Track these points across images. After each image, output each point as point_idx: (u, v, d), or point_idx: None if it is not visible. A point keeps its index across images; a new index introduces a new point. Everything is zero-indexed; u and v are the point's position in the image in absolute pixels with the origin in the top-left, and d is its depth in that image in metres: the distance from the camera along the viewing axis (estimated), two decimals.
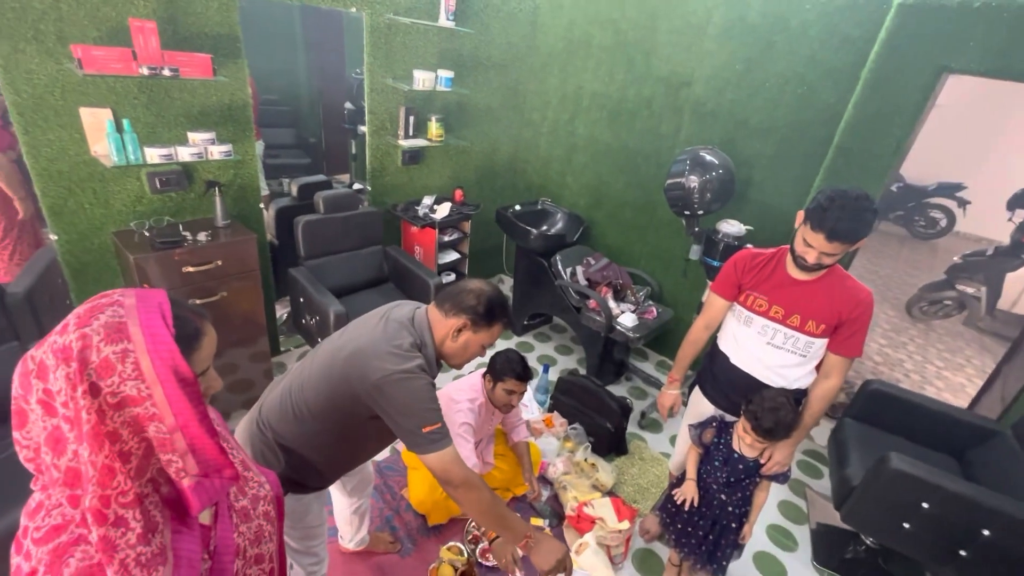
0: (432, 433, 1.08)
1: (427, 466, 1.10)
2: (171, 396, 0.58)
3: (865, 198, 1.36)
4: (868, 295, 1.50)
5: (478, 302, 1.19)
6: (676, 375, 1.87)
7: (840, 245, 1.37)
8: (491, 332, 1.23)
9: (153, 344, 0.58)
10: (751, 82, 2.56)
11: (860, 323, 1.49)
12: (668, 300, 3.15)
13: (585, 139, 3.34)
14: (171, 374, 0.58)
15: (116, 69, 1.71)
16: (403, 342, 1.13)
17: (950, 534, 1.74)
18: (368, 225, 2.79)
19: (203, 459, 0.62)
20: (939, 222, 7.15)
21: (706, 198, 2.43)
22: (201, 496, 0.63)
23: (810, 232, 1.40)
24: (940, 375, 3.80)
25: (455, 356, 1.23)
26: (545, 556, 1.16)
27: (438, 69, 2.78)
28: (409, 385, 1.08)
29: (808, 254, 1.44)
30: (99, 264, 2.06)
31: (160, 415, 0.58)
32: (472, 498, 1.12)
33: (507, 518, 1.17)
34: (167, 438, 0.59)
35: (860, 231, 1.35)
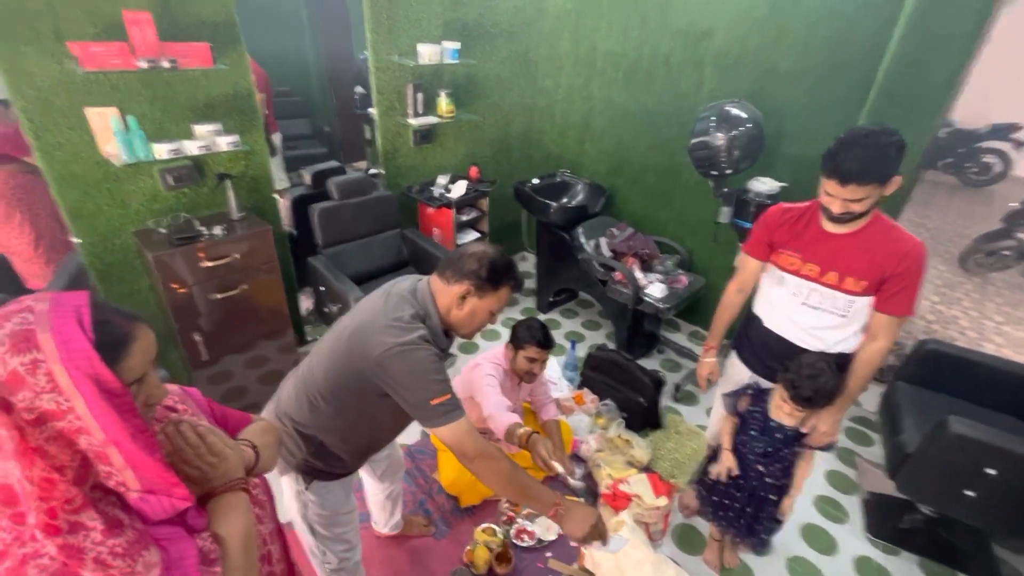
0: (441, 405, 1.03)
1: (440, 440, 1.05)
2: (94, 409, 0.54)
3: (881, 132, 1.21)
4: (918, 246, 1.34)
5: (480, 265, 1.13)
6: (712, 343, 1.78)
7: (859, 187, 1.24)
8: (498, 296, 1.16)
9: (67, 352, 0.53)
10: (777, 24, 2.36)
11: (909, 278, 1.34)
12: (699, 267, 3.01)
13: (602, 103, 3.18)
14: (92, 385, 0.53)
15: (115, 64, 1.69)
16: (403, 314, 1.08)
17: (1019, 499, 1.61)
18: (384, 209, 2.75)
19: (146, 476, 0.58)
20: (993, 167, 6.67)
21: (734, 156, 2.27)
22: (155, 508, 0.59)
23: (825, 180, 1.29)
24: (1000, 330, 3.54)
25: (463, 325, 1.17)
26: (578, 523, 1.09)
27: (443, 41, 2.67)
28: (411, 357, 1.03)
29: (832, 204, 1.32)
30: (123, 264, 2.08)
31: (87, 428, 0.54)
32: (490, 469, 1.07)
33: (531, 487, 1.11)
34: (101, 451, 0.55)
35: (875, 169, 1.21)
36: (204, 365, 2.13)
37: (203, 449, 0.70)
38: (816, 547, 1.97)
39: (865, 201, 1.28)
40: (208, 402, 0.89)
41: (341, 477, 1.30)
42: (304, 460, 1.21)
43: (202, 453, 0.70)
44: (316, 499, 1.27)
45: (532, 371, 1.93)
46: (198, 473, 0.69)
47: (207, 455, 0.70)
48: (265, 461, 0.84)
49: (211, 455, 0.70)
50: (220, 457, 0.71)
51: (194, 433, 0.70)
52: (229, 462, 0.72)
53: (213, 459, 0.70)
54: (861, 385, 1.49)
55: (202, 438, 0.71)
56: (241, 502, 0.72)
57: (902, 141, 1.22)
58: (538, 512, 1.12)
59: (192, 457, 0.69)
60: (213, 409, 0.89)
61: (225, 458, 0.71)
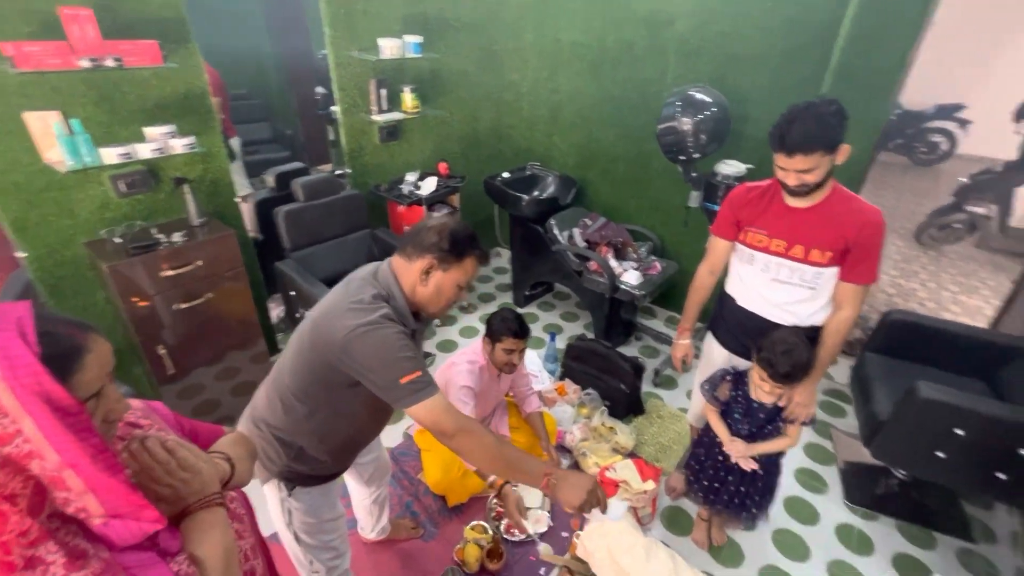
0: (412, 383, 0.98)
1: (417, 420, 1.00)
2: (46, 429, 0.49)
3: (820, 103, 1.27)
4: (876, 214, 1.39)
5: (441, 237, 1.07)
6: (686, 325, 1.80)
7: (806, 157, 1.28)
8: (463, 268, 1.11)
9: (10, 369, 0.48)
10: (737, 10, 2.40)
11: (871, 246, 1.39)
12: (671, 253, 3.05)
13: (569, 95, 3.18)
14: (41, 403, 0.48)
15: (54, 64, 1.58)
16: (364, 296, 1.03)
17: (987, 458, 1.69)
18: (352, 209, 2.68)
19: (109, 500, 0.53)
20: (940, 146, 6.96)
21: (701, 140, 2.30)
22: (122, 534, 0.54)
23: (776, 155, 1.34)
24: (956, 300, 3.70)
25: (430, 302, 1.12)
26: (573, 492, 1.02)
27: (404, 35, 2.62)
28: (374, 336, 0.98)
29: (787, 177, 1.36)
30: (75, 278, 1.97)
31: (38, 451, 0.49)
32: (473, 444, 1.01)
33: (519, 460, 1.05)
34: (56, 476, 0.50)
35: (818, 137, 1.25)
36: (171, 380, 2.04)
37: (173, 465, 0.65)
38: (799, 518, 2.02)
39: (816, 171, 1.31)
40: (175, 416, 0.84)
41: (325, 481, 1.25)
42: (285, 466, 1.16)
43: (172, 469, 0.65)
44: (300, 506, 1.22)
45: (511, 362, 1.91)
46: (170, 491, 0.64)
47: (178, 471, 0.65)
48: (241, 474, 0.79)
49: (183, 471, 0.65)
50: (193, 472, 0.66)
51: (162, 448, 0.65)
52: (203, 476, 0.67)
53: (185, 475, 0.65)
54: (832, 354, 1.53)
55: (172, 453, 0.65)
56: (219, 518, 0.67)
57: (841, 109, 1.27)
58: (529, 485, 1.06)
59: (162, 474, 0.64)
60: (181, 423, 0.84)
61: (198, 472, 0.66)
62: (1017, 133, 4.25)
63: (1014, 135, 4.35)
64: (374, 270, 1.13)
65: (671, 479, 2.12)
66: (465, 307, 3.35)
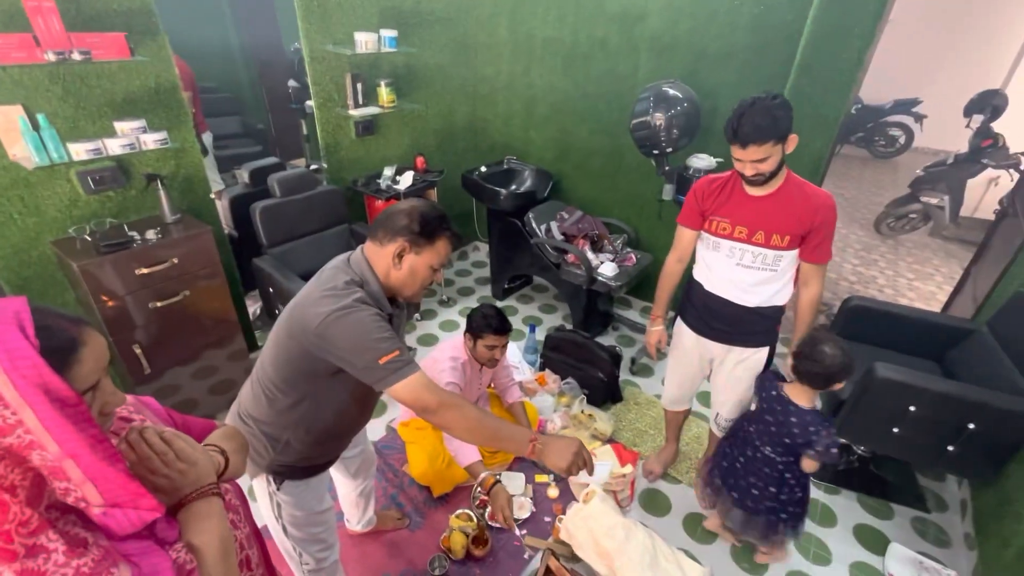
0: (391, 362, 0.99)
1: (399, 400, 1.02)
2: (47, 420, 0.50)
3: (765, 97, 1.37)
4: (828, 198, 1.51)
5: (411, 220, 1.09)
6: (658, 312, 1.87)
7: (758, 147, 1.38)
8: (435, 249, 1.11)
9: (10, 361, 0.49)
10: (706, 8, 2.47)
11: (826, 228, 1.50)
12: (646, 245, 3.13)
13: (543, 89, 3.22)
14: (41, 394, 0.50)
15: (18, 58, 1.53)
16: (337, 283, 1.05)
17: (938, 432, 1.81)
18: (330, 204, 2.67)
19: (108, 489, 0.54)
20: (898, 139, 7.28)
21: (673, 134, 2.37)
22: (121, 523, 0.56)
23: (731, 147, 1.44)
24: (912, 286, 3.91)
25: (405, 285, 1.13)
26: (559, 454, 1.04)
27: (380, 29, 2.60)
28: (349, 320, 0.99)
29: (744, 168, 1.46)
30: (42, 278, 1.91)
31: (39, 442, 0.50)
32: (455, 417, 1.03)
33: (503, 428, 1.07)
34: (56, 466, 0.52)
35: (767, 128, 1.35)
36: (148, 380, 2.00)
37: (171, 456, 0.66)
38: None
39: (769, 160, 1.41)
40: (167, 411, 0.85)
41: (313, 474, 1.27)
42: (273, 460, 1.18)
43: (170, 460, 0.66)
44: (289, 499, 1.24)
45: (494, 357, 1.95)
46: (167, 482, 0.65)
47: (176, 462, 0.66)
48: (234, 466, 0.81)
49: (180, 461, 0.66)
50: (190, 462, 0.67)
51: (159, 439, 0.66)
52: (199, 467, 0.68)
53: (182, 465, 0.66)
54: (809, 324, 1.65)
55: (169, 444, 0.67)
56: (215, 508, 0.68)
57: (785, 102, 1.38)
58: (515, 453, 1.07)
59: (159, 465, 0.65)
60: (173, 418, 0.85)
61: (195, 463, 0.68)
62: (968, 128, 4.49)
63: (965, 129, 4.59)
64: (347, 257, 1.14)
65: (648, 462, 2.20)
66: (445, 301, 3.37)
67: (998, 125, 4.25)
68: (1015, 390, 1.76)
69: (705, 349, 1.82)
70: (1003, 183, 4.31)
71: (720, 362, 1.82)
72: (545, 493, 2.07)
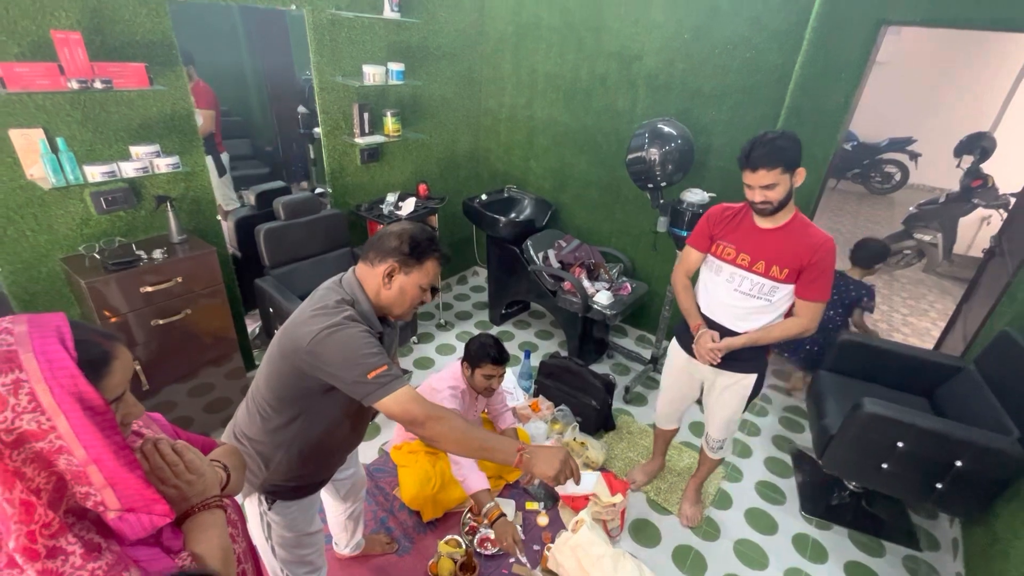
0: (379, 377, 1.01)
1: (387, 414, 1.04)
2: (77, 427, 0.54)
3: (779, 134, 1.47)
4: (828, 240, 1.57)
5: (401, 241, 1.13)
6: (696, 320, 1.80)
7: (768, 172, 1.47)
8: (424, 270, 1.16)
9: (51, 371, 0.53)
10: (700, 50, 2.58)
11: (822, 267, 1.56)
12: (641, 275, 3.18)
13: (544, 122, 3.33)
14: (75, 403, 0.54)
15: (43, 85, 1.62)
16: (327, 302, 1.08)
17: (926, 469, 1.82)
18: (333, 228, 2.74)
19: (126, 494, 0.58)
20: (893, 176, 7.40)
21: (668, 169, 2.45)
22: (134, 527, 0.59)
23: (743, 173, 1.53)
24: (906, 322, 3.94)
25: (395, 304, 1.16)
26: (547, 463, 1.06)
27: (388, 62, 2.72)
28: (339, 336, 1.03)
29: (753, 195, 1.54)
30: (50, 293, 1.96)
31: (68, 447, 0.54)
32: (444, 430, 1.04)
33: (490, 439, 1.08)
34: (80, 471, 0.55)
35: (778, 155, 1.45)
36: (145, 396, 2.03)
37: (181, 467, 0.70)
38: (758, 528, 2.12)
39: (778, 189, 1.50)
40: (173, 428, 0.88)
41: (305, 495, 1.29)
42: (266, 479, 1.20)
43: (180, 471, 0.69)
44: (279, 520, 1.26)
45: (491, 387, 1.98)
46: (175, 492, 0.69)
47: (185, 473, 0.70)
48: (234, 482, 0.85)
49: (188, 473, 0.70)
50: (198, 474, 0.71)
51: (171, 451, 0.70)
52: (207, 479, 0.72)
53: (191, 476, 0.70)
54: (770, 336, 1.67)
55: (180, 456, 0.70)
56: (218, 520, 0.72)
57: (794, 136, 1.49)
58: (502, 463, 1.09)
59: (170, 476, 0.69)
60: (178, 434, 0.89)
61: (203, 475, 0.71)
62: (958, 168, 4.59)
63: (957, 169, 4.69)
64: (339, 278, 1.18)
65: (632, 471, 2.30)
66: (443, 325, 3.41)
67: (988, 166, 4.35)
68: (1000, 428, 1.78)
69: (696, 370, 1.88)
70: (995, 222, 4.39)
71: (710, 384, 1.88)
72: (535, 521, 2.07)
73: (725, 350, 1.70)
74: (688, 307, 1.83)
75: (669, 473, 2.35)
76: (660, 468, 2.32)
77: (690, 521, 2.09)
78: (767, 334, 1.67)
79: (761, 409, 2.85)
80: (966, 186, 4.29)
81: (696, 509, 2.12)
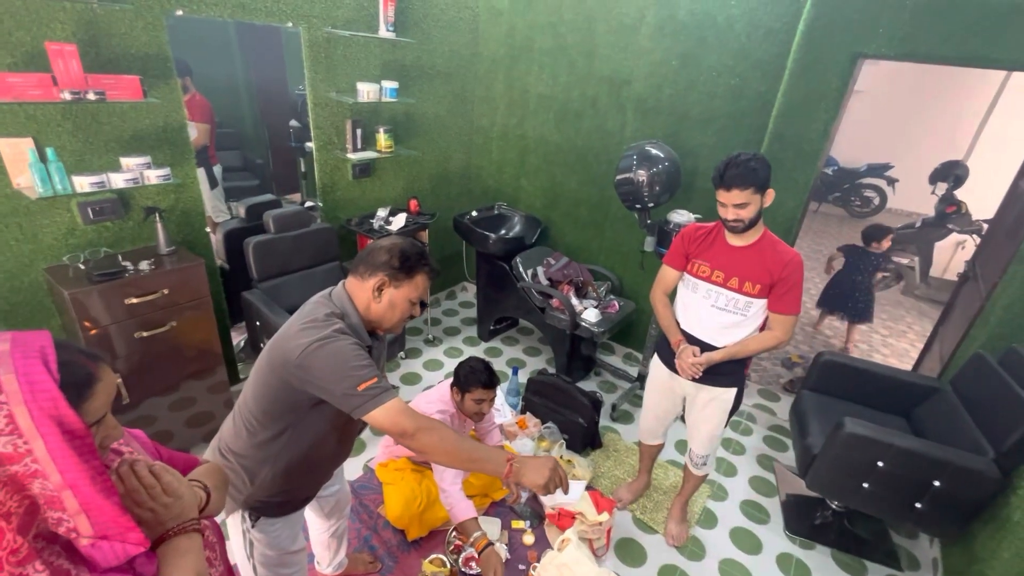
0: (369, 389, 1.01)
1: (377, 427, 1.03)
2: (55, 451, 0.53)
3: (751, 156, 1.55)
4: (795, 256, 1.64)
5: (391, 255, 1.14)
6: (676, 336, 1.83)
7: (740, 192, 1.54)
8: (414, 284, 1.16)
9: (31, 393, 0.52)
10: (687, 77, 2.66)
11: (792, 281, 1.63)
12: (629, 293, 3.22)
13: (535, 141, 3.39)
14: (54, 426, 0.53)
15: (35, 96, 1.61)
16: (317, 315, 1.09)
17: (905, 489, 1.85)
18: (322, 242, 2.74)
19: (100, 521, 0.57)
20: (872, 200, 7.62)
21: (655, 190, 2.50)
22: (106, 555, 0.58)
23: (717, 192, 1.59)
24: (886, 342, 4.03)
25: (384, 318, 1.17)
26: (536, 473, 1.06)
27: (382, 80, 2.76)
28: (329, 349, 1.02)
29: (726, 212, 1.61)
30: (31, 304, 1.93)
31: (44, 471, 0.53)
32: (434, 441, 1.03)
33: (479, 450, 1.08)
34: (55, 496, 0.54)
35: (750, 176, 1.52)
36: (125, 409, 1.99)
37: (158, 489, 0.68)
38: (743, 548, 2.13)
39: (749, 208, 1.57)
40: (154, 444, 0.87)
41: (289, 512, 1.27)
42: (251, 495, 1.19)
43: (157, 494, 0.67)
44: (262, 537, 1.24)
45: (481, 411, 1.96)
46: (151, 515, 0.67)
47: (162, 495, 0.68)
48: (215, 503, 0.83)
49: (166, 495, 0.68)
50: (175, 497, 0.69)
51: (148, 473, 0.68)
52: (184, 502, 0.70)
53: (168, 499, 0.68)
54: (744, 349, 1.72)
55: (157, 478, 0.68)
56: (194, 544, 0.69)
57: (765, 159, 1.57)
58: (492, 474, 1.08)
59: (146, 498, 0.67)
60: (160, 452, 0.87)
61: (180, 497, 0.69)
62: (933, 194, 4.74)
63: (932, 195, 4.84)
64: (327, 292, 1.18)
65: (619, 490, 2.30)
66: (431, 340, 3.40)
67: (961, 193, 4.50)
68: (977, 448, 1.82)
69: (678, 385, 1.92)
70: (969, 247, 4.53)
71: (692, 399, 1.92)
72: (520, 540, 2.05)
73: (706, 364, 1.74)
74: (668, 324, 1.87)
75: (655, 491, 2.36)
76: (646, 486, 2.32)
77: (676, 540, 2.10)
78: (744, 347, 1.72)
79: (745, 428, 2.87)
80: (941, 212, 4.44)
81: (682, 528, 2.13)
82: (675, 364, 1.83)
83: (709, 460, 1.99)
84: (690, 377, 1.78)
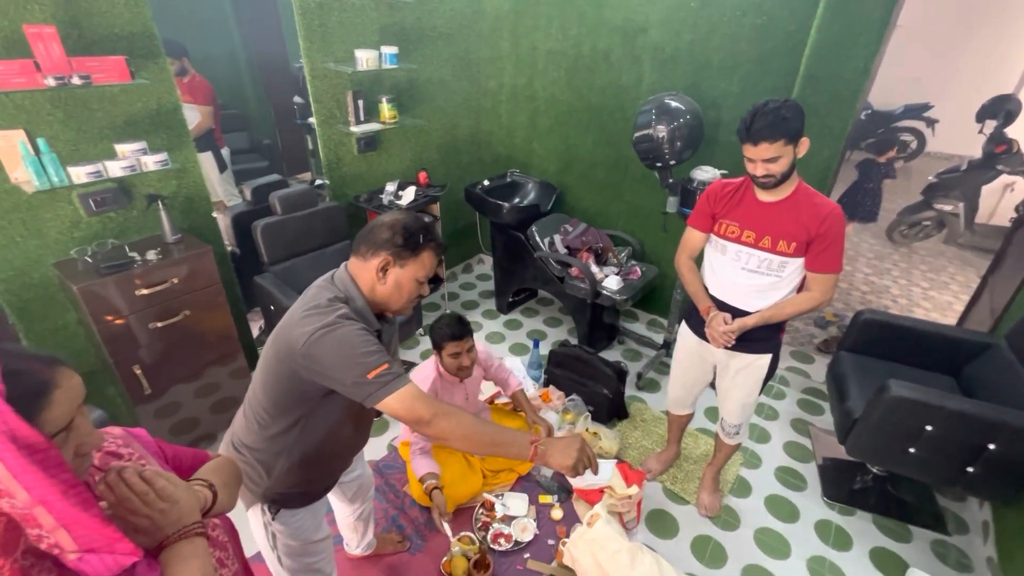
0: (380, 376, 0.96)
1: (391, 414, 0.98)
2: (15, 468, 0.49)
3: (781, 103, 1.38)
4: (834, 208, 1.49)
5: (394, 233, 1.06)
6: (705, 303, 1.72)
7: (770, 145, 1.38)
8: (420, 261, 1.08)
9: None
10: (708, 19, 2.45)
11: (831, 237, 1.48)
12: (651, 257, 3.09)
13: (546, 101, 3.21)
14: (8, 442, 0.48)
15: (19, 84, 1.54)
16: (319, 301, 1.02)
17: (956, 453, 1.74)
18: (332, 220, 2.66)
19: (81, 535, 0.53)
20: (910, 144, 7.16)
21: (676, 147, 2.34)
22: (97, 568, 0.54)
23: (744, 147, 1.44)
24: (927, 296, 3.81)
25: (391, 299, 1.09)
26: (563, 454, 1.00)
27: (381, 46, 2.61)
28: (335, 336, 0.96)
29: (755, 168, 1.46)
30: (44, 300, 1.92)
31: (8, 490, 0.49)
32: (451, 426, 0.98)
33: (501, 433, 1.03)
34: (27, 514, 0.50)
35: (780, 126, 1.37)
36: (148, 399, 2.00)
37: (151, 496, 0.64)
38: (779, 516, 2.06)
39: (781, 161, 1.41)
40: (157, 442, 0.83)
41: (309, 502, 1.25)
42: (268, 488, 1.15)
43: (151, 500, 0.64)
44: (284, 529, 1.21)
45: (461, 364, 1.85)
46: (148, 522, 0.63)
47: (157, 502, 0.64)
48: (224, 500, 0.79)
49: (161, 501, 0.64)
50: (171, 502, 0.65)
51: (139, 479, 0.64)
52: (182, 506, 0.66)
53: (164, 505, 0.64)
54: (783, 313, 1.59)
55: (150, 483, 0.65)
56: (198, 549, 0.66)
57: (797, 104, 1.39)
58: (517, 458, 1.03)
59: (139, 506, 0.63)
60: (164, 449, 0.83)
61: (176, 502, 0.66)
62: (981, 133, 4.40)
63: (978, 135, 4.49)
64: (331, 275, 1.11)
65: (647, 461, 2.24)
66: None
67: (1012, 130, 4.15)
68: None
69: (708, 353, 1.82)
70: (1019, 189, 4.21)
71: (724, 367, 1.82)
72: (549, 515, 2.02)
73: (738, 331, 1.62)
74: (696, 290, 1.75)
75: (685, 461, 2.29)
76: (676, 456, 2.26)
77: (708, 510, 2.04)
78: (779, 311, 1.59)
79: (779, 392, 2.77)
80: (989, 152, 4.11)
81: (714, 498, 2.07)
82: (705, 332, 1.72)
83: (742, 429, 1.91)
84: (721, 346, 1.67)
